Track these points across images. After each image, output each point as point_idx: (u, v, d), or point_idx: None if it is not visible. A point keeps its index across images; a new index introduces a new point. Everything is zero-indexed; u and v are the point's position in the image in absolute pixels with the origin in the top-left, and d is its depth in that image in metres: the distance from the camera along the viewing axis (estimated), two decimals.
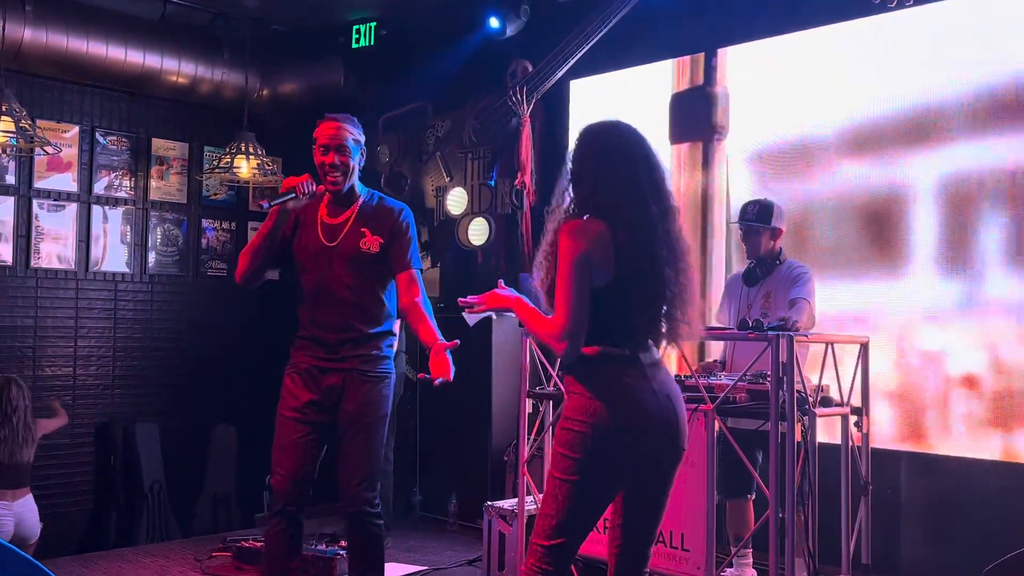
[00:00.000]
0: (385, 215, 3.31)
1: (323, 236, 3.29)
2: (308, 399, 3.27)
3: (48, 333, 5.88)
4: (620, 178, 2.45)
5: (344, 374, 3.25)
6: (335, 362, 3.26)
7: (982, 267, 4.05)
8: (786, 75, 4.76)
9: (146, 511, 5.91)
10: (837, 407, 3.55)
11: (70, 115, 6.01)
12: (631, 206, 2.43)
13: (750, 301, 4.03)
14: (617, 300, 2.41)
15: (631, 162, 2.48)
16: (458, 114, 6.13)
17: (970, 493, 4.01)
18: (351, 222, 3.29)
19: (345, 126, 3.30)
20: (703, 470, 3.39)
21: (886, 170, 4.37)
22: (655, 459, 2.47)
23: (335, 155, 3.25)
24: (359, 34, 6.12)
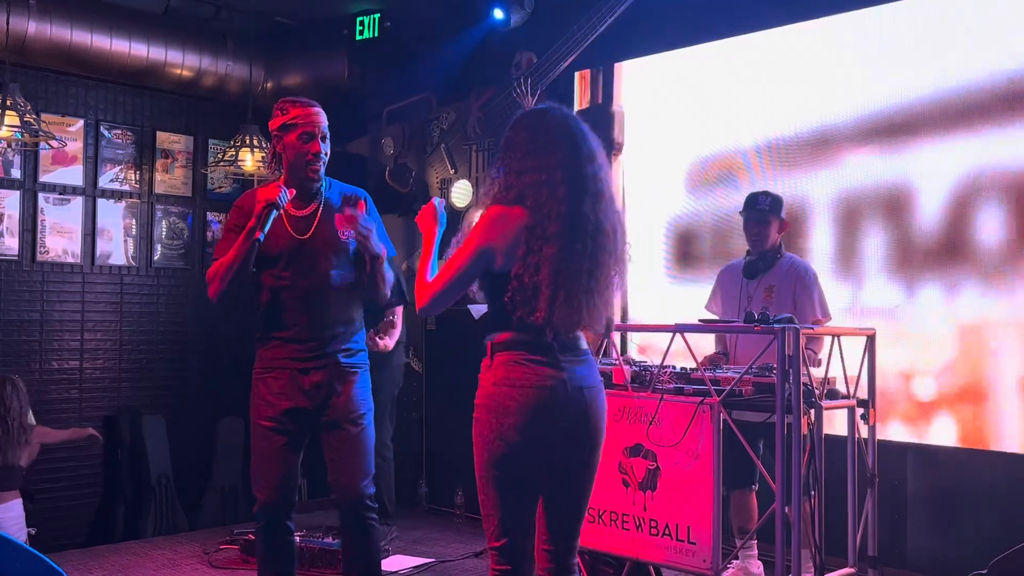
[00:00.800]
0: (349, 202, 3.11)
1: (293, 230, 3.14)
2: (286, 407, 3.12)
3: (55, 327, 5.89)
4: (537, 163, 2.44)
5: (329, 370, 3.12)
6: (318, 359, 3.12)
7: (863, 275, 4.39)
8: (684, 89, 5.05)
9: (153, 504, 5.94)
10: (843, 399, 3.54)
11: (75, 109, 6.01)
12: (543, 189, 2.41)
13: (750, 294, 4.00)
14: (529, 286, 2.38)
15: (549, 146, 2.45)
16: (463, 106, 6.11)
17: (977, 485, 4.00)
18: (320, 213, 3.16)
19: (322, 113, 3.20)
20: (709, 463, 3.39)
21: (795, 183, 4.63)
22: (563, 450, 2.45)
23: (320, 144, 3.15)
24: (363, 26, 6.10)
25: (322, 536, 4.54)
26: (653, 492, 3.54)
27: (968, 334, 4.06)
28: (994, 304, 3.99)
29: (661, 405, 3.49)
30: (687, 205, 5.15)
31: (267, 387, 3.15)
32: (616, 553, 3.68)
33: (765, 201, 4.01)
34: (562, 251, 2.38)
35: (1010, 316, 3.95)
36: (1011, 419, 3.94)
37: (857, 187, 4.43)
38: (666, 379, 3.57)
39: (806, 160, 4.63)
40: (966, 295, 4.06)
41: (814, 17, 4.58)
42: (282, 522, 3.17)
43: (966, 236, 4.08)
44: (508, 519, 2.44)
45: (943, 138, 4.17)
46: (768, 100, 4.77)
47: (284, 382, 3.12)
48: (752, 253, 4.06)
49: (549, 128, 2.49)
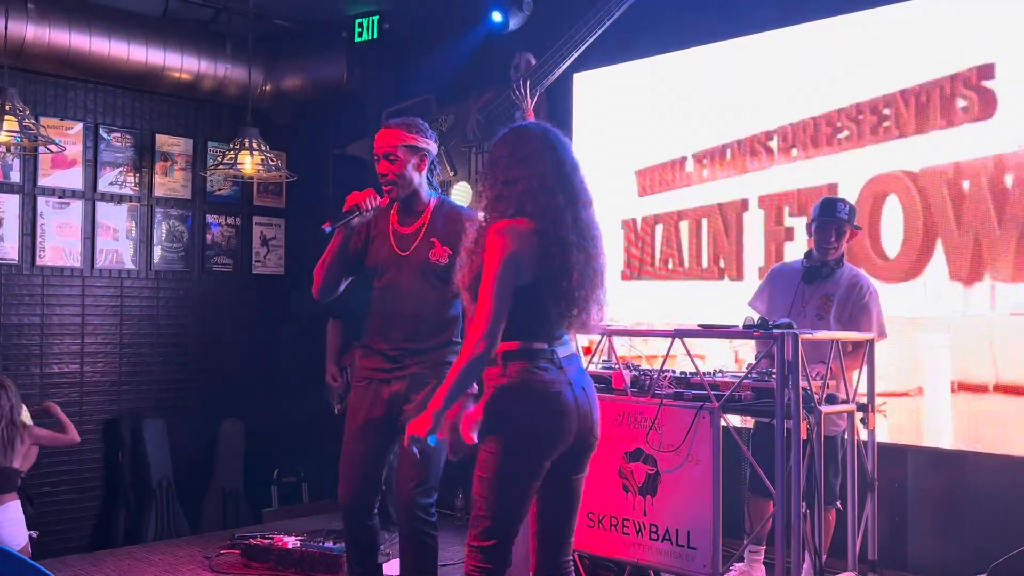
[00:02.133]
0: (454, 224, 3.22)
1: (396, 246, 3.27)
2: (365, 419, 3.30)
3: (55, 331, 5.90)
4: (526, 171, 2.54)
5: (407, 380, 3.25)
6: (397, 371, 3.26)
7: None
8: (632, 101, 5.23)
9: (154, 508, 5.94)
10: (843, 404, 3.53)
11: (74, 112, 6.01)
12: (540, 196, 2.51)
13: (805, 299, 3.89)
14: (537, 295, 2.49)
15: (534, 155, 2.56)
16: (462, 108, 6.10)
17: (977, 488, 4.00)
18: (423, 232, 3.26)
19: (397, 132, 3.26)
20: (709, 468, 3.38)
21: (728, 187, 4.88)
22: (571, 448, 2.57)
23: (385, 163, 3.24)
24: (362, 28, 6.10)
25: (323, 541, 4.54)
26: (653, 497, 3.54)
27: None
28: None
29: (661, 410, 3.49)
30: (638, 209, 5.28)
31: (355, 397, 3.36)
32: (616, 558, 3.68)
33: (844, 209, 3.86)
34: (578, 256, 2.50)
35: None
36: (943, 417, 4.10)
37: (783, 189, 4.67)
38: (665, 384, 3.57)
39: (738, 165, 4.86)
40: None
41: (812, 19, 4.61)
42: (360, 520, 3.35)
43: (876, 232, 4.34)
44: (503, 523, 2.51)
45: (858, 145, 4.40)
46: (726, 105, 4.93)
47: (367, 394, 3.31)
48: (814, 258, 3.93)
49: (531, 139, 2.60)
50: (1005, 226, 3.97)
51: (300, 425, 6.46)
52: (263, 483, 6.44)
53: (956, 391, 4.07)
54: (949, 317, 4.10)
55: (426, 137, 3.32)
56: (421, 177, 3.29)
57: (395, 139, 3.24)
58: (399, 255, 3.25)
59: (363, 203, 3.17)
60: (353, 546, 3.44)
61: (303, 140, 6.82)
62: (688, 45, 5.12)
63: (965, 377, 4.04)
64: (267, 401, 6.61)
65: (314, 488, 6.50)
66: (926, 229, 4.19)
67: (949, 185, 4.13)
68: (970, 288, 4.06)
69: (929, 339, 4.12)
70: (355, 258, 3.34)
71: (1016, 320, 3.93)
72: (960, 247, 4.09)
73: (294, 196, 6.89)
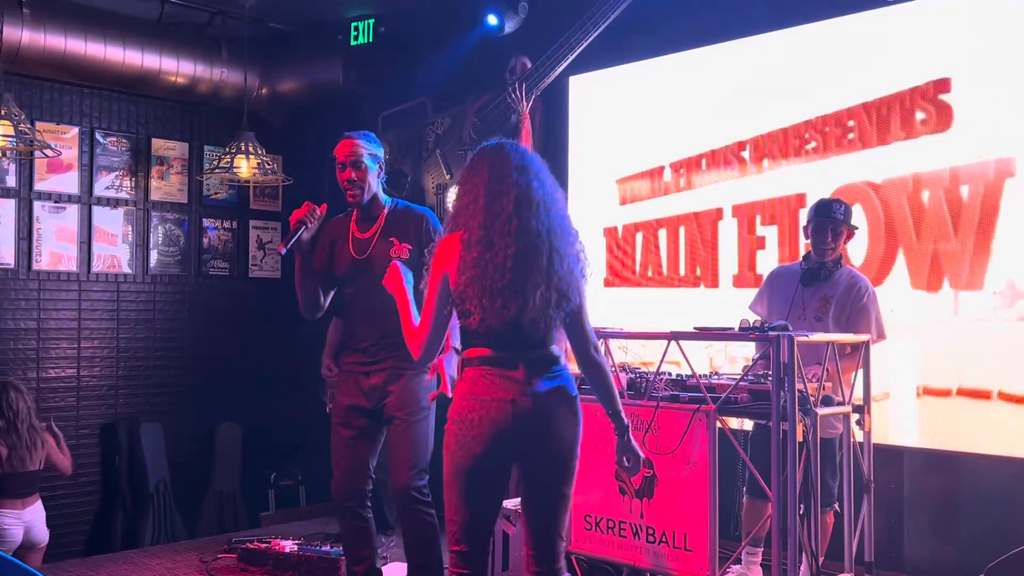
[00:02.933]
0: (410, 223, 3.51)
1: (354, 250, 3.51)
2: (349, 404, 3.54)
3: (51, 335, 5.89)
4: (468, 187, 2.62)
5: (386, 372, 3.48)
6: (374, 364, 3.49)
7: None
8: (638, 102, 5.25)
9: (151, 512, 5.94)
10: (839, 406, 3.54)
11: (69, 116, 6.01)
12: (470, 206, 2.58)
13: (805, 302, 3.89)
14: (462, 293, 2.54)
15: (478, 168, 2.62)
16: (458, 111, 6.11)
17: (973, 489, 4.01)
18: (378, 233, 3.50)
19: (359, 142, 3.52)
20: (705, 470, 3.39)
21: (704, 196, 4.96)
22: (531, 460, 2.59)
23: (351, 171, 3.49)
24: (358, 31, 6.10)
25: (320, 544, 4.54)
26: (650, 499, 3.55)
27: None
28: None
29: (657, 413, 3.50)
30: (620, 217, 5.34)
31: (339, 390, 3.61)
32: (613, 560, 3.68)
33: (839, 209, 3.86)
34: (482, 253, 2.52)
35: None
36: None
37: (755, 198, 4.75)
38: (662, 386, 3.58)
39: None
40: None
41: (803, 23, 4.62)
42: (353, 508, 3.55)
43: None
44: (466, 527, 2.57)
45: (825, 156, 4.49)
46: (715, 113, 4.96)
47: (350, 386, 3.55)
48: (812, 260, 3.93)
49: (483, 155, 2.66)
50: (961, 236, 4.03)
51: (297, 428, 6.46)
52: (260, 486, 6.44)
53: (920, 395, 4.13)
54: (915, 323, 4.15)
55: (378, 147, 3.60)
56: (379, 184, 3.56)
57: (360, 148, 3.51)
58: (357, 259, 3.51)
59: (305, 216, 3.42)
60: (349, 541, 3.61)
61: (299, 143, 6.82)
62: (680, 49, 5.14)
63: (928, 382, 4.13)
64: (264, 404, 6.61)
65: (311, 491, 6.50)
66: (888, 238, 4.27)
67: (908, 196, 4.21)
68: (934, 295, 4.11)
69: (896, 345, 4.13)
70: (327, 271, 3.58)
71: (979, 326, 3.98)
72: (920, 256, 4.16)
73: (290, 199, 6.89)
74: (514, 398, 2.52)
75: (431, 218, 3.55)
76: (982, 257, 3.98)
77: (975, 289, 3.99)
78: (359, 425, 3.53)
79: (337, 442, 3.56)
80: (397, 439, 3.47)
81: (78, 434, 5.92)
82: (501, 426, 2.51)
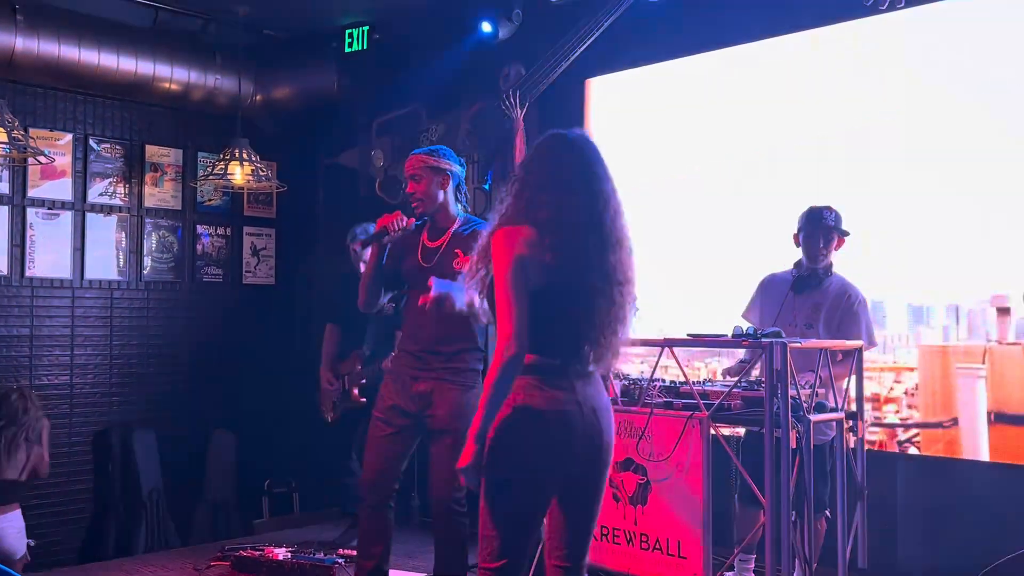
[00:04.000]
0: (476, 237, 3.44)
1: (422, 258, 3.66)
2: (392, 403, 3.63)
3: (44, 342, 5.88)
4: (553, 185, 2.47)
5: (433, 382, 3.58)
6: (424, 371, 3.60)
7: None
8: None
9: (145, 519, 5.92)
10: (832, 412, 3.54)
11: (63, 123, 6.00)
12: (562, 213, 2.43)
13: (795, 309, 3.90)
14: (546, 307, 2.40)
15: (568, 170, 2.49)
16: (452, 117, 6.11)
17: (967, 496, 4.02)
18: (446, 245, 3.64)
19: (422, 156, 3.69)
20: (699, 477, 3.39)
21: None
22: (579, 471, 2.50)
23: (412, 184, 3.67)
24: (352, 38, 6.10)
25: (314, 552, 4.53)
26: (643, 506, 3.54)
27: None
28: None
29: (651, 419, 3.50)
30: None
31: (385, 388, 3.70)
32: (607, 567, 3.67)
33: (830, 216, 3.88)
34: (580, 276, 2.43)
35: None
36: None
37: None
38: (655, 393, 3.58)
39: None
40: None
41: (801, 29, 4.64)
42: (378, 504, 3.64)
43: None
44: (510, 542, 2.44)
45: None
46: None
47: (397, 386, 3.65)
48: (803, 268, 3.95)
49: (569, 153, 2.52)
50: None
51: (291, 436, 6.45)
52: (254, 494, 6.42)
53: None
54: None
55: (450, 161, 3.70)
56: (446, 196, 3.67)
57: (419, 161, 3.66)
58: (423, 267, 3.61)
59: (390, 225, 3.56)
60: (364, 536, 3.68)
61: (293, 150, 6.82)
62: (677, 56, 5.16)
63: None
64: (258, 412, 6.59)
65: (305, 499, 6.48)
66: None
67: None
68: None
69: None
70: (391, 273, 3.72)
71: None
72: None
73: (285, 206, 6.89)
74: (570, 410, 2.44)
75: (483, 228, 3.58)
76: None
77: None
78: (400, 424, 3.62)
79: (373, 437, 3.66)
80: (442, 454, 3.55)
81: (71, 442, 5.90)
82: (561, 440, 2.43)
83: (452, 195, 3.69)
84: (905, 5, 4.18)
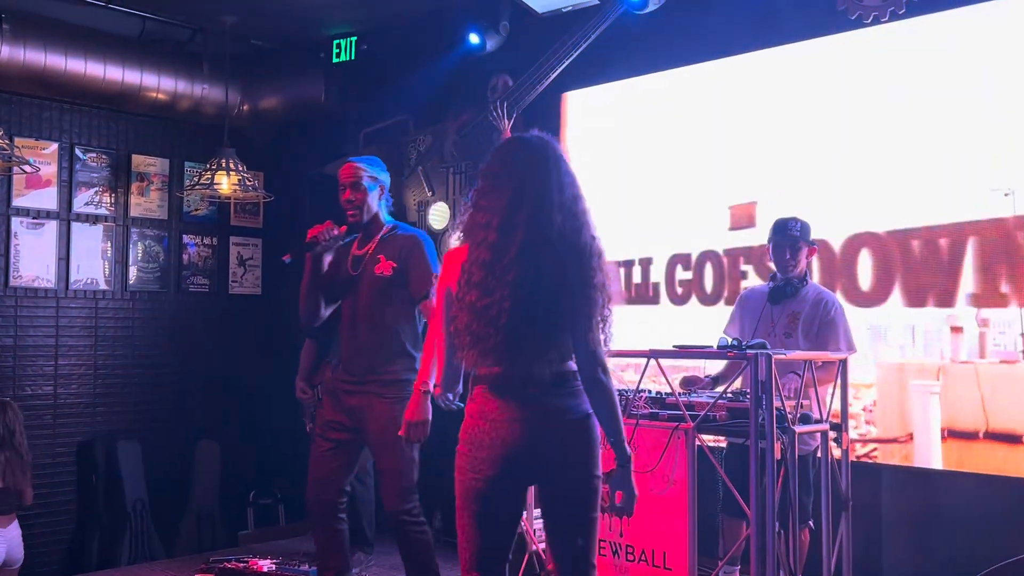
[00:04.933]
0: (399, 241, 3.63)
1: (350, 267, 3.66)
2: (329, 419, 3.64)
3: (28, 352, 5.84)
4: (492, 192, 2.44)
5: (365, 396, 3.55)
6: (356, 385, 3.58)
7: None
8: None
9: (129, 531, 5.87)
10: (816, 424, 3.56)
11: (49, 132, 5.98)
12: (492, 224, 2.39)
13: (774, 320, 3.95)
14: (484, 320, 2.37)
15: (512, 176, 2.42)
16: (439, 129, 6.13)
17: (952, 507, 4.03)
18: (371, 252, 3.64)
19: (359, 165, 3.68)
20: (684, 488, 3.40)
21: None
22: (547, 483, 2.46)
23: (350, 191, 3.64)
24: (340, 49, 6.11)
25: (298, 564, 4.51)
26: (629, 518, 3.54)
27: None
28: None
29: (636, 430, 3.50)
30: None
31: (323, 403, 3.74)
32: None
33: (796, 226, 3.94)
34: (511, 287, 2.38)
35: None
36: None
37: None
38: (641, 404, 3.59)
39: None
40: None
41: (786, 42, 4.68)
42: (325, 518, 3.62)
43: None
44: (480, 552, 2.45)
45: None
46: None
47: (332, 400, 3.66)
48: (778, 279, 4.00)
49: (515, 156, 2.46)
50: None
51: (276, 447, 6.42)
52: (239, 505, 6.39)
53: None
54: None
55: (383, 171, 3.73)
56: (379, 205, 3.69)
57: (359, 170, 3.66)
58: (351, 275, 3.63)
59: (320, 235, 3.55)
60: (319, 550, 3.68)
61: (280, 160, 6.81)
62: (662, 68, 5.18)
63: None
64: (243, 422, 6.57)
65: (290, 510, 6.45)
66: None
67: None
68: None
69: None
70: (329, 284, 3.68)
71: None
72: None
73: (271, 216, 6.88)
74: (524, 416, 2.39)
75: (420, 239, 3.65)
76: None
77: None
78: (336, 439, 3.61)
79: (314, 453, 3.66)
80: (385, 466, 3.56)
81: (55, 452, 5.86)
82: (512, 447, 2.38)
83: (383, 205, 3.72)
84: (889, 19, 4.22)
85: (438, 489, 5.68)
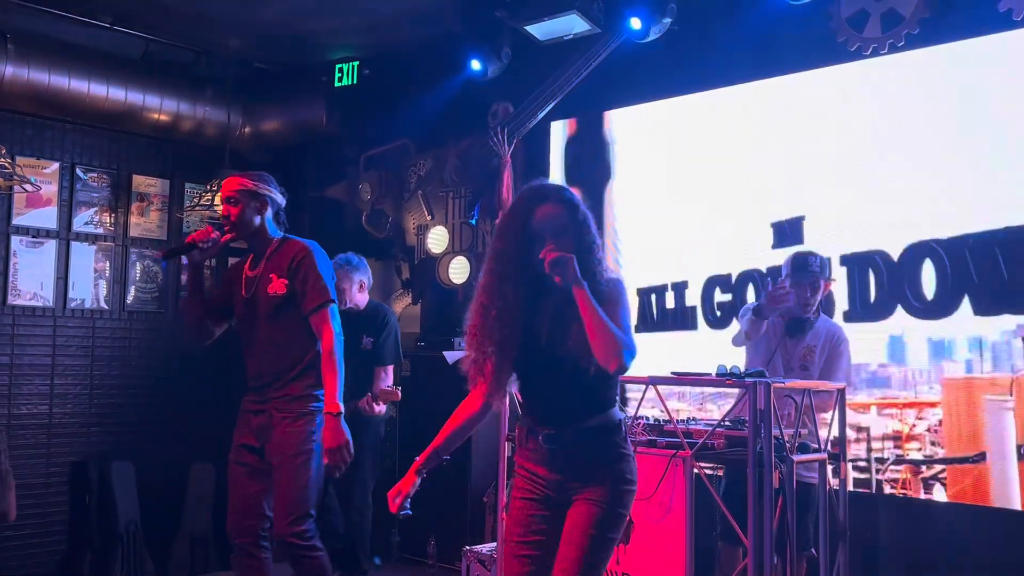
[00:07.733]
0: (284, 257, 3.50)
1: (244, 289, 3.55)
2: (239, 443, 3.54)
3: (24, 371, 5.81)
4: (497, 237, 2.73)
5: (266, 415, 3.46)
6: (260, 404, 3.49)
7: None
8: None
9: (121, 553, 5.82)
10: (815, 453, 3.56)
11: (50, 151, 5.99)
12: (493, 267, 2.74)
13: (789, 352, 3.93)
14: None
15: (509, 223, 2.69)
16: (440, 153, 6.16)
17: (949, 537, 4.02)
18: (262, 271, 3.52)
19: (239, 178, 3.57)
20: (682, 516, 3.39)
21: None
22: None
23: (226, 207, 3.54)
24: (342, 73, 6.15)
25: None
26: (626, 545, 3.53)
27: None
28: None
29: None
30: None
31: (236, 427, 3.59)
32: None
33: (816, 262, 3.90)
34: (500, 320, 2.79)
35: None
36: None
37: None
38: (639, 431, 3.58)
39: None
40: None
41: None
42: (246, 546, 3.45)
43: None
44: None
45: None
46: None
47: (241, 424, 3.56)
48: (793, 312, 3.94)
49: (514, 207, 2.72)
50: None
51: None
52: None
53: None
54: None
55: (270, 187, 3.60)
56: (263, 221, 3.56)
57: (234, 185, 3.54)
58: (244, 298, 3.54)
59: (199, 240, 3.46)
60: (241, 572, 3.47)
61: (281, 182, 6.79)
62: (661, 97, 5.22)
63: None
64: None
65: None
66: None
67: None
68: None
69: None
70: (223, 306, 3.63)
71: None
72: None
73: None
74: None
75: (305, 249, 3.51)
76: None
77: None
78: (248, 463, 3.50)
79: (231, 478, 3.55)
80: (278, 483, 3.42)
81: (48, 472, 5.82)
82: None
83: (270, 221, 3.58)
84: (888, 51, 4.27)
85: (432, 516, 5.68)
